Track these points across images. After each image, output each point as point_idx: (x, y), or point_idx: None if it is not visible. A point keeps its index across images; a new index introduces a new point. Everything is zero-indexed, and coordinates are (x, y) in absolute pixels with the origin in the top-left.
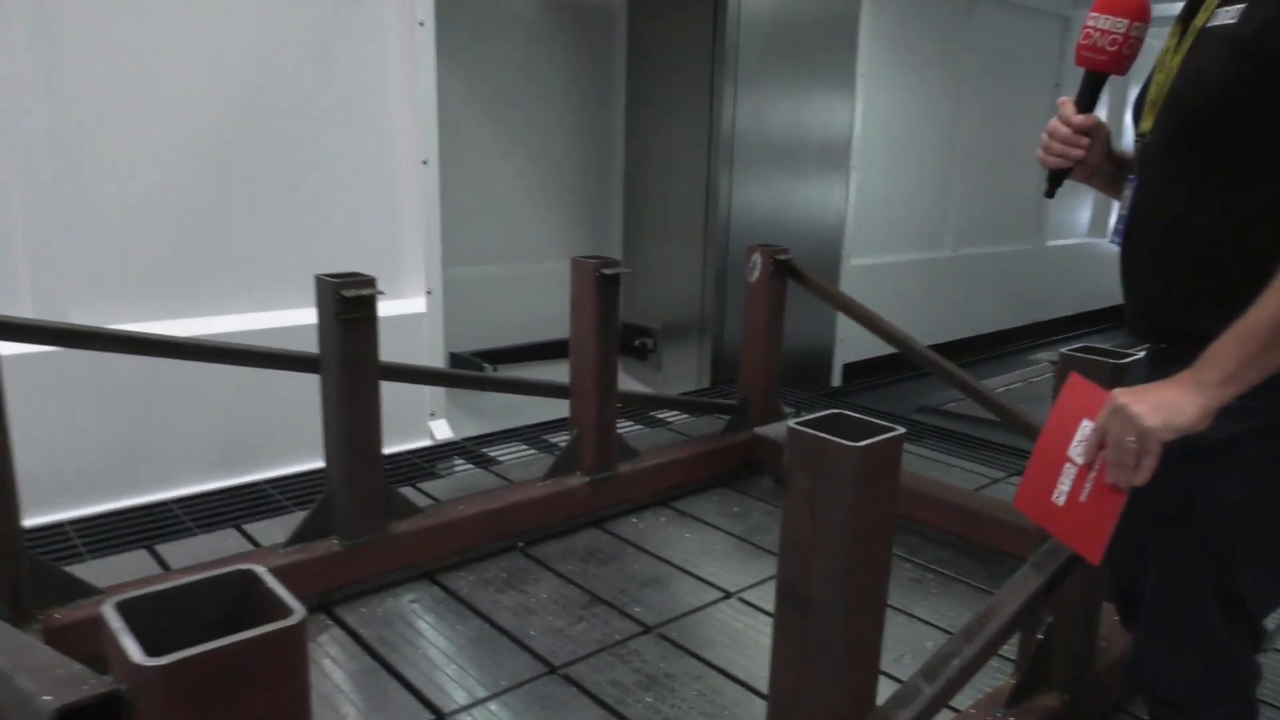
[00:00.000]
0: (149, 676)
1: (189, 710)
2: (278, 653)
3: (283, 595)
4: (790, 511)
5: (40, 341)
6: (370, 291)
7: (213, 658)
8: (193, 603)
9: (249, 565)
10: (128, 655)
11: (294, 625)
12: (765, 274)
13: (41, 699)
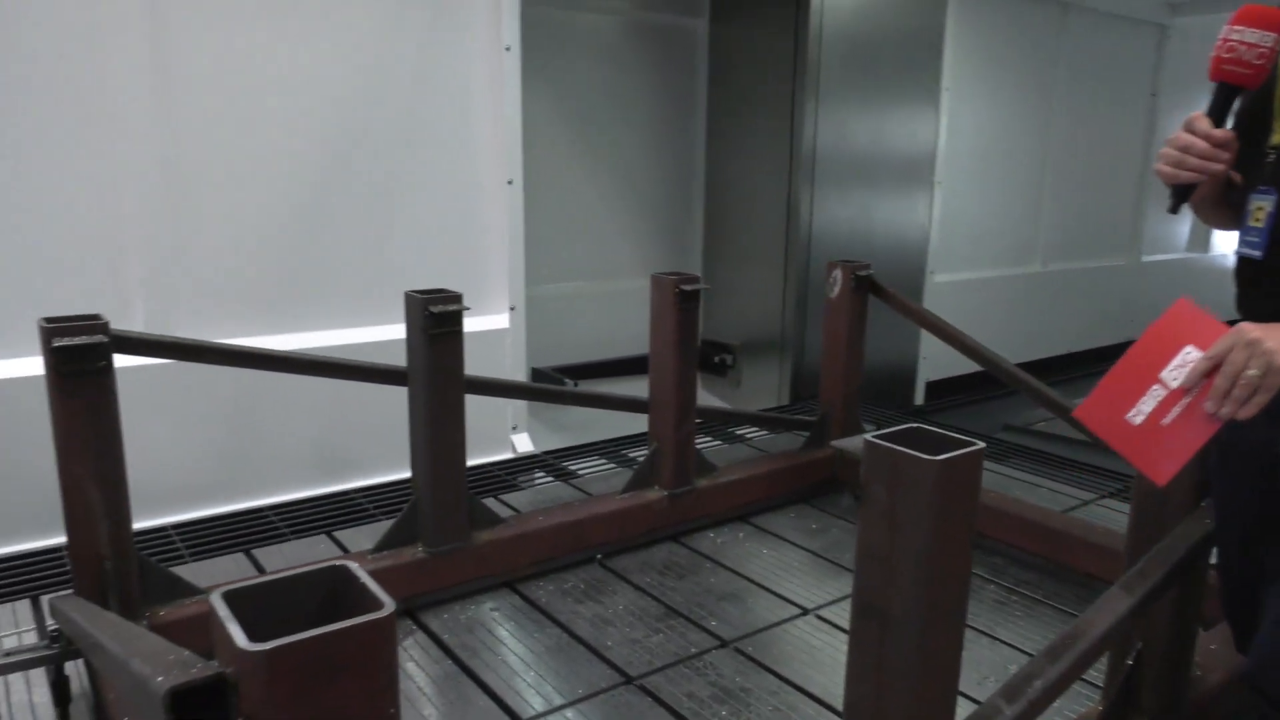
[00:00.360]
0: (252, 661)
1: (288, 693)
2: (369, 642)
3: (374, 590)
4: (867, 524)
5: (152, 355)
6: (457, 307)
7: (310, 645)
8: (291, 594)
9: (343, 561)
10: (233, 641)
11: (385, 617)
12: (846, 290)
13: (155, 680)
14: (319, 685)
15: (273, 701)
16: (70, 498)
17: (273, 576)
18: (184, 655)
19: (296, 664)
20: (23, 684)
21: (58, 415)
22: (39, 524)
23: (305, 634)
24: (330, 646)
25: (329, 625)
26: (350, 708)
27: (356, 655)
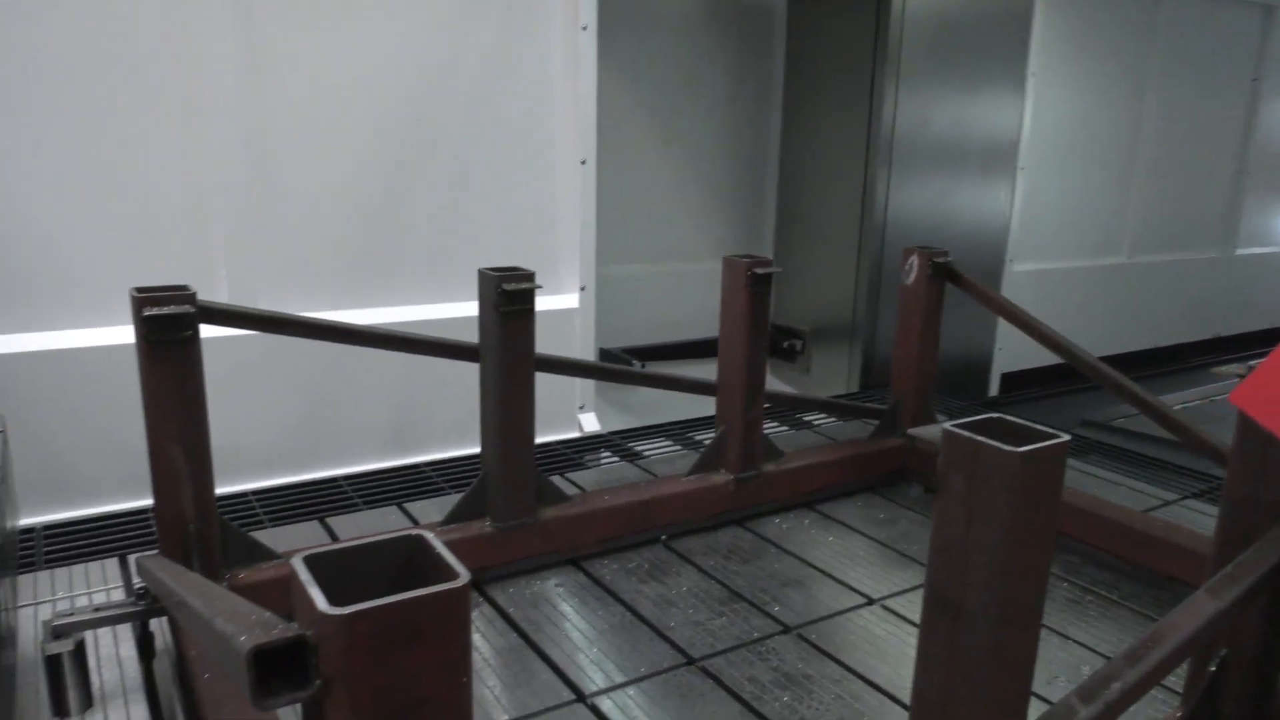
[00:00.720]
0: (332, 624)
1: (366, 657)
2: (445, 610)
3: (450, 560)
4: (943, 515)
5: (236, 325)
6: (529, 285)
7: (388, 611)
8: (369, 561)
9: (419, 531)
10: (314, 604)
11: (460, 587)
12: (922, 276)
13: (239, 639)
14: (396, 651)
15: (350, 665)
16: (157, 462)
17: (352, 543)
18: (265, 616)
19: (375, 629)
20: (110, 638)
21: (146, 382)
22: (129, 487)
23: (384, 600)
24: (407, 613)
25: (407, 592)
26: (425, 674)
27: (432, 623)
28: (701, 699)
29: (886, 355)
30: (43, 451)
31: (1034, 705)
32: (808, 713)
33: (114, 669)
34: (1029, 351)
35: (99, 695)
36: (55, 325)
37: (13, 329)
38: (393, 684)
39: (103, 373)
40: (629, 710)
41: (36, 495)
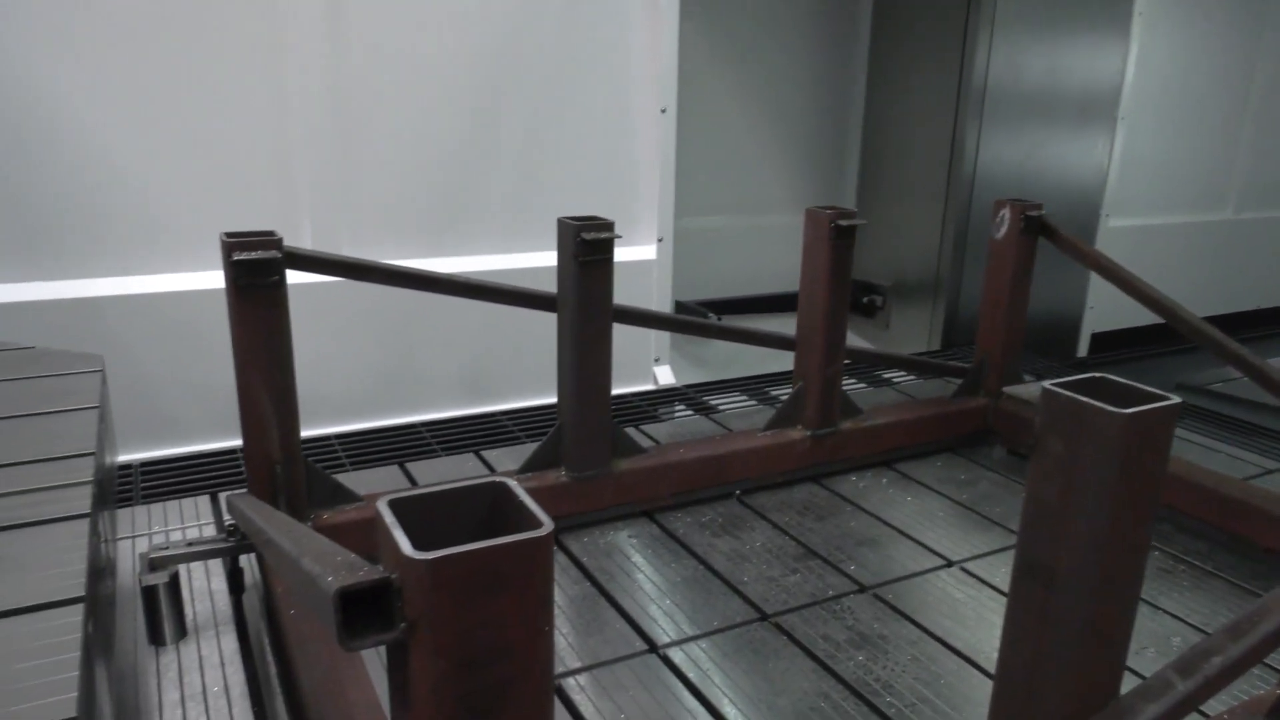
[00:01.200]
0: (417, 569)
1: (449, 602)
2: (529, 558)
3: (533, 508)
4: (1039, 478)
5: (320, 272)
6: (609, 235)
7: (472, 557)
8: (453, 506)
9: (502, 478)
10: (399, 547)
11: (543, 536)
12: (1014, 231)
13: (325, 580)
14: (479, 597)
15: (434, 609)
16: (246, 404)
17: (436, 488)
18: (350, 557)
19: (458, 574)
20: (203, 572)
21: (235, 326)
22: (220, 427)
23: (468, 546)
24: (491, 560)
25: (491, 539)
26: (508, 621)
27: (516, 570)
28: (774, 655)
29: (970, 313)
30: (139, 392)
31: (1125, 678)
32: (883, 674)
33: (206, 601)
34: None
35: (192, 626)
36: (149, 269)
37: (109, 272)
38: (475, 629)
39: (195, 316)
40: (701, 663)
41: (134, 433)
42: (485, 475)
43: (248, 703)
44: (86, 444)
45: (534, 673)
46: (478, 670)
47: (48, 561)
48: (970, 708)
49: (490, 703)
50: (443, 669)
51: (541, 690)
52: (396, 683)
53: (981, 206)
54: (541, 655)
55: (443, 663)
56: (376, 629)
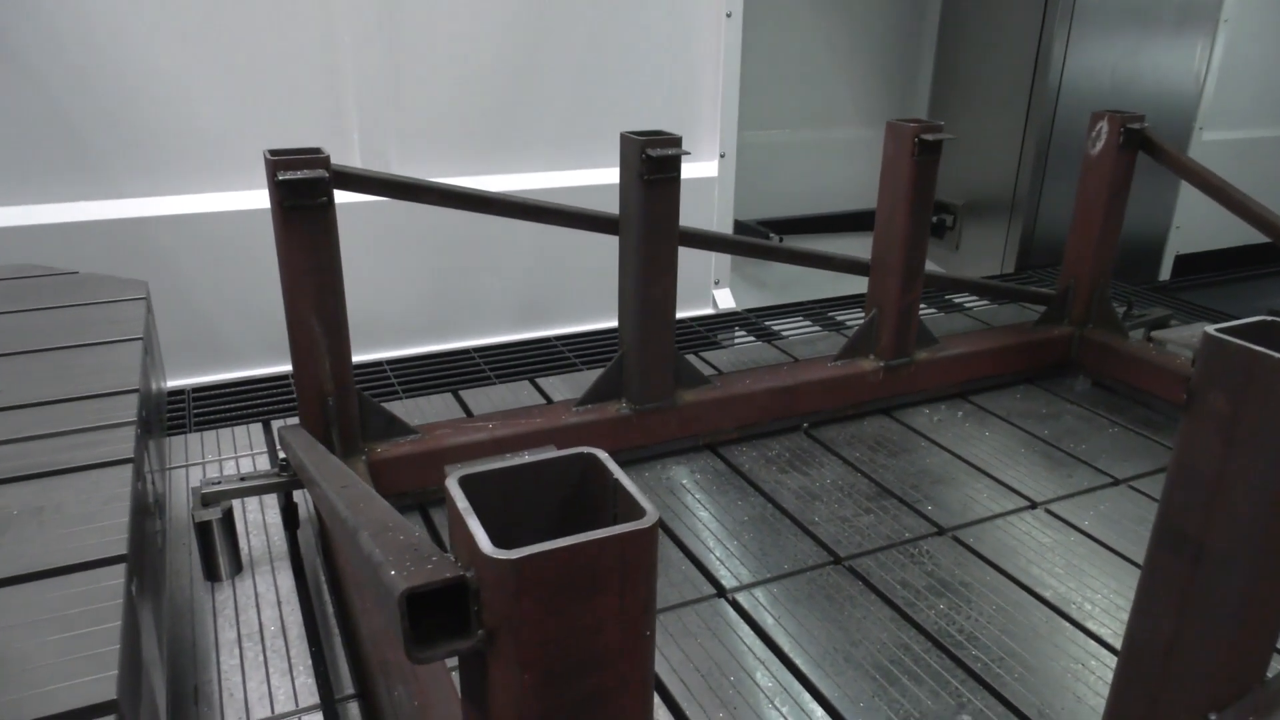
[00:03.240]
0: (499, 570)
1: (537, 606)
2: (631, 554)
3: (631, 489)
4: (1193, 437)
5: (370, 191)
6: (676, 151)
7: (565, 554)
8: (533, 482)
9: (591, 450)
10: (477, 544)
11: (649, 528)
12: (1111, 145)
13: (389, 574)
14: (573, 600)
15: (519, 615)
16: (295, 330)
17: (514, 461)
18: (414, 538)
19: (549, 576)
20: (257, 505)
21: (282, 249)
22: (271, 353)
23: (560, 542)
24: (588, 557)
25: (586, 533)
26: (604, 626)
27: (616, 568)
28: (850, 602)
29: (1048, 235)
30: (188, 316)
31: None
32: (966, 624)
33: (261, 535)
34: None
35: (247, 561)
36: (196, 189)
37: (154, 192)
38: (566, 637)
39: (244, 237)
40: (772, 608)
41: (185, 359)
42: (541, 404)
43: (305, 644)
44: (130, 379)
45: (634, 683)
46: (568, 682)
47: (89, 513)
48: (1062, 662)
49: (583, 717)
50: (528, 682)
51: (641, 702)
52: (472, 695)
53: (1067, 118)
54: (642, 663)
55: (528, 676)
56: (449, 634)
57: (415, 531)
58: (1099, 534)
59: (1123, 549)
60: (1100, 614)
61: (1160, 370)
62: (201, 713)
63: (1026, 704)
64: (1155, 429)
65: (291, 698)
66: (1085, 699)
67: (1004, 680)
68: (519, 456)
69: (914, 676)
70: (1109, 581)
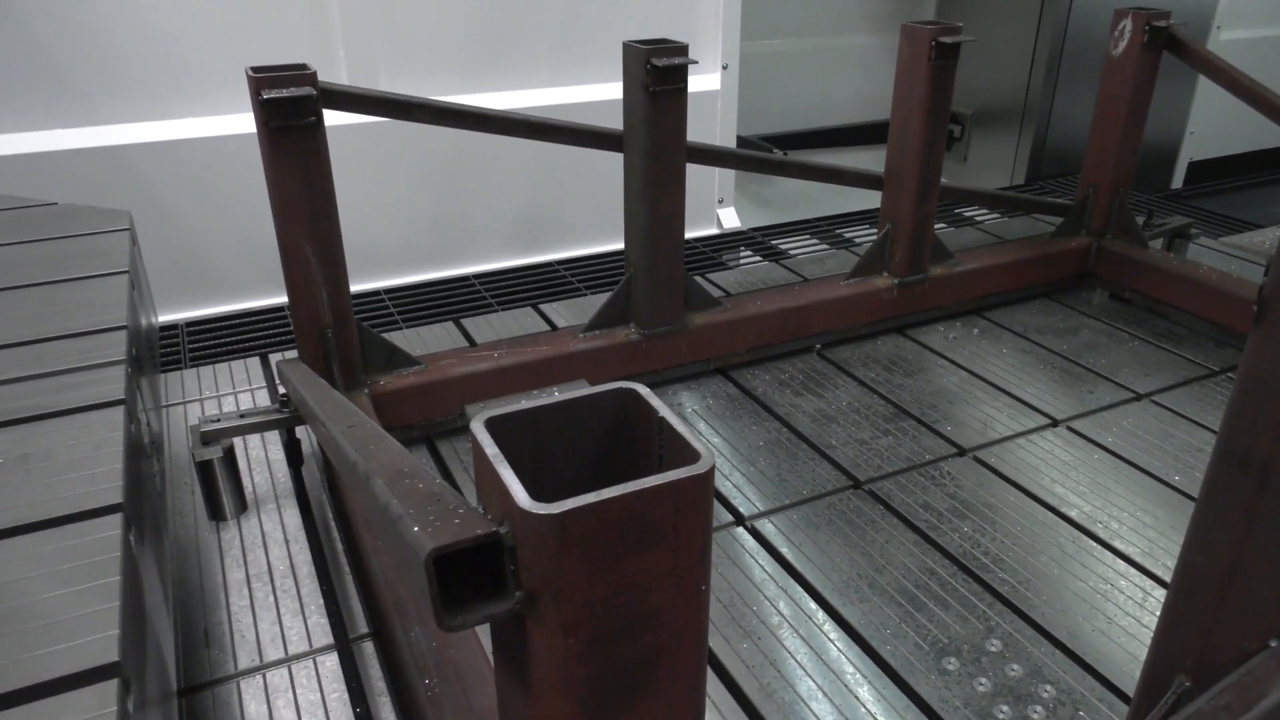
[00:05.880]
0: (539, 525)
1: (583, 564)
2: (686, 503)
3: (679, 426)
4: (1265, 349)
5: (360, 110)
6: (683, 60)
7: (614, 507)
8: (567, 421)
9: (631, 384)
10: (513, 496)
11: (705, 473)
12: (1136, 45)
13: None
14: (621, 555)
15: (563, 575)
16: (289, 260)
17: (546, 399)
18: (435, 486)
19: (595, 530)
20: (259, 442)
21: (271, 174)
22: (267, 284)
23: (606, 493)
24: (639, 508)
25: (637, 481)
26: (656, 583)
27: (670, 520)
28: (872, 526)
29: (1061, 143)
30: (178, 247)
31: None
32: (992, 546)
33: (264, 472)
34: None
35: (252, 499)
36: (178, 113)
37: (132, 117)
38: (615, 597)
39: (230, 164)
40: (792, 535)
41: (176, 292)
42: (546, 331)
43: (315, 583)
44: (117, 315)
45: (688, 640)
46: (617, 645)
47: (80, 459)
48: (1091, 582)
49: (634, 681)
50: (573, 647)
51: (696, 660)
52: (509, 660)
53: (1082, 20)
54: (697, 620)
55: (572, 640)
56: (483, 598)
57: (434, 478)
58: (1123, 451)
59: (1148, 465)
60: (1128, 532)
61: (1182, 280)
62: (213, 655)
63: (1057, 626)
64: (1177, 341)
65: (305, 638)
66: (1116, 619)
67: (1032, 603)
68: (548, 394)
69: (940, 601)
70: (1135, 500)
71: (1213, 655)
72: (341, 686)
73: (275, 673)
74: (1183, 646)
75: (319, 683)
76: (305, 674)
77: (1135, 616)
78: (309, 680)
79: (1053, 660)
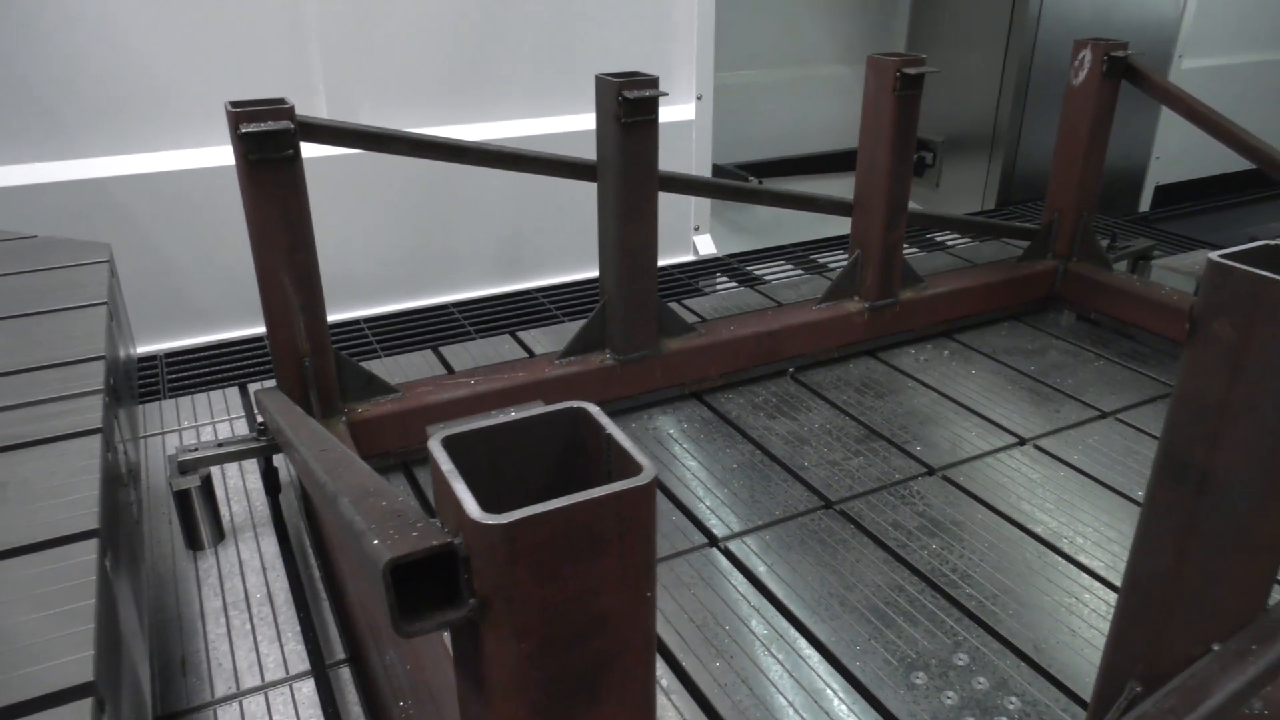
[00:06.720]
0: (490, 535)
1: (532, 572)
2: (630, 513)
3: (625, 442)
4: (1198, 366)
5: (338, 143)
6: (654, 92)
7: (560, 516)
8: (521, 440)
9: (581, 403)
10: (464, 508)
11: (646, 484)
12: (1095, 75)
13: (372, 543)
14: (570, 564)
15: (514, 582)
16: (267, 291)
17: (500, 418)
18: (397, 503)
19: (544, 539)
20: (237, 470)
21: (249, 206)
22: (246, 314)
23: (554, 503)
24: (585, 518)
25: (582, 492)
26: (603, 590)
27: (615, 528)
28: (843, 545)
29: (1029, 169)
30: (157, 279)
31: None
32: (960, 563)
33: (242, 501)
34: (1189, 161)
35: (229, 528)
36: (156, 146)
37: (112, 150)
38: (564, 603)
39: (212, 195)
40: (765, 555)
41: (156, 323)
42: (524, 358)
43: (293, 610)
44: (96, 345)
45: (636, 645)
46: (568, 649)
47: (57, 487)
48: (1055, 596)
49: (584, 684)
50: (525, 651)
51: (644, 664)
52: (466, 666)
53: (1047, 51)
54: (644, 625)
55: (525, 644)
56: (439, 605)
57: (398, 496)
58: (1088, 468)
59: (1112, 482)
60: (1092, 547)
61: (1146, 302)
62: (190, 684)
63: (1022, 640)
64: (1141, 361)
65: (281, 665)
66: (1080, 631)
67: (999, 617)
68: (505, 414)
69: (909, 618)
70: (1100, 515)
71: (1161, 660)
72: (318, 712)
73: (252, 700)
74: (1133, 653)
75: (295, 709)
76: (282, 700)
77: (1099, 629)
78: (285, 706)
79: (1018, 673)
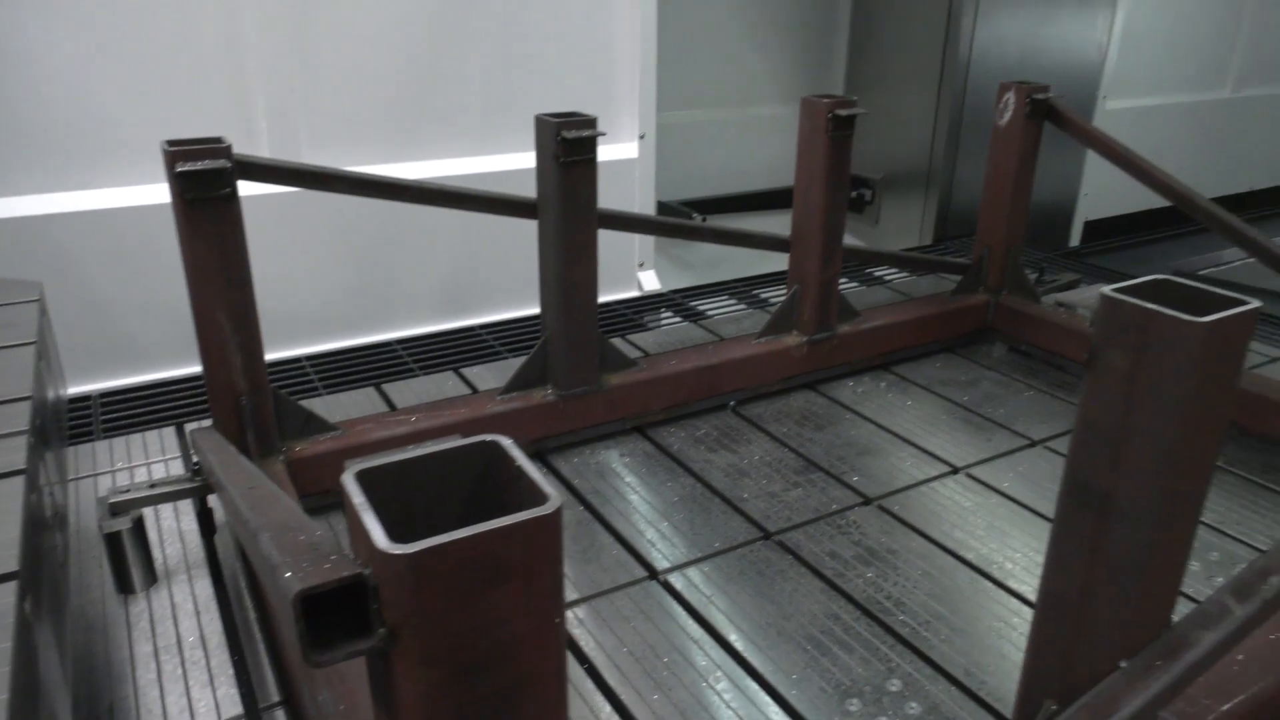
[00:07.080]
0: (396, 565)
1: (439, 600)
2: (535, 541)
3: (534, 475)
4: (1096, 395)
5: (277, 181)
6: (591, 132)
7: (465, 545)
8: (435, 473)
9: (494, 437)
10: (371, 538)
11: (551, 513)
12: (1019, 115)
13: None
14: (476, 592)
15: (421, 611)
16: (203, 329)
17: (413, 453)
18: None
19: (449, 568)
20: (171, 512)
21: (185, 244)
22: (183, 353)
23: (459, 533)
24: (489, 547)
25: (487, 522)
26: (511, 617)
27: (521, 556)
28: (780, 575)
29: (964, 205)
30: (93, 318)
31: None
32: (894, 590)
33: (176, 543)
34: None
35: (162, 571)
36: (91, 184)
37: (49, 188)
38: (471, 631)
39: (148, 233)
40: (704, 588)
41: (89, 363)
42: (466, 394)
43: (226, 653)
44: (22, 385)
45: (546, 671)
46: (478, 677)
47: None
48: (986, 621)
49: (496, 711)
50: (435, 679)
51: (555, 690)
52: (380, 695)
53: (978, 92)
54: (553, 651)
55: (435, 672)
56: (350, 635)
57: (317, 531)
58: (1018, 495)
59: (1040, 508)
60: (1021, 572)
61: (1070, 333)
62: None
63: (954, 665)
64: (1069, 390)
65: (214, 709)
66: (1009, 655)
67: (931, 643)
68: (420, 447)
69: (845, 645)
70: (1029, 540)
71: (1073, 678)
72: None
73: None
74: (1048, 671)
75: None
76: None
77: None
78: None
79: (949, 697)
